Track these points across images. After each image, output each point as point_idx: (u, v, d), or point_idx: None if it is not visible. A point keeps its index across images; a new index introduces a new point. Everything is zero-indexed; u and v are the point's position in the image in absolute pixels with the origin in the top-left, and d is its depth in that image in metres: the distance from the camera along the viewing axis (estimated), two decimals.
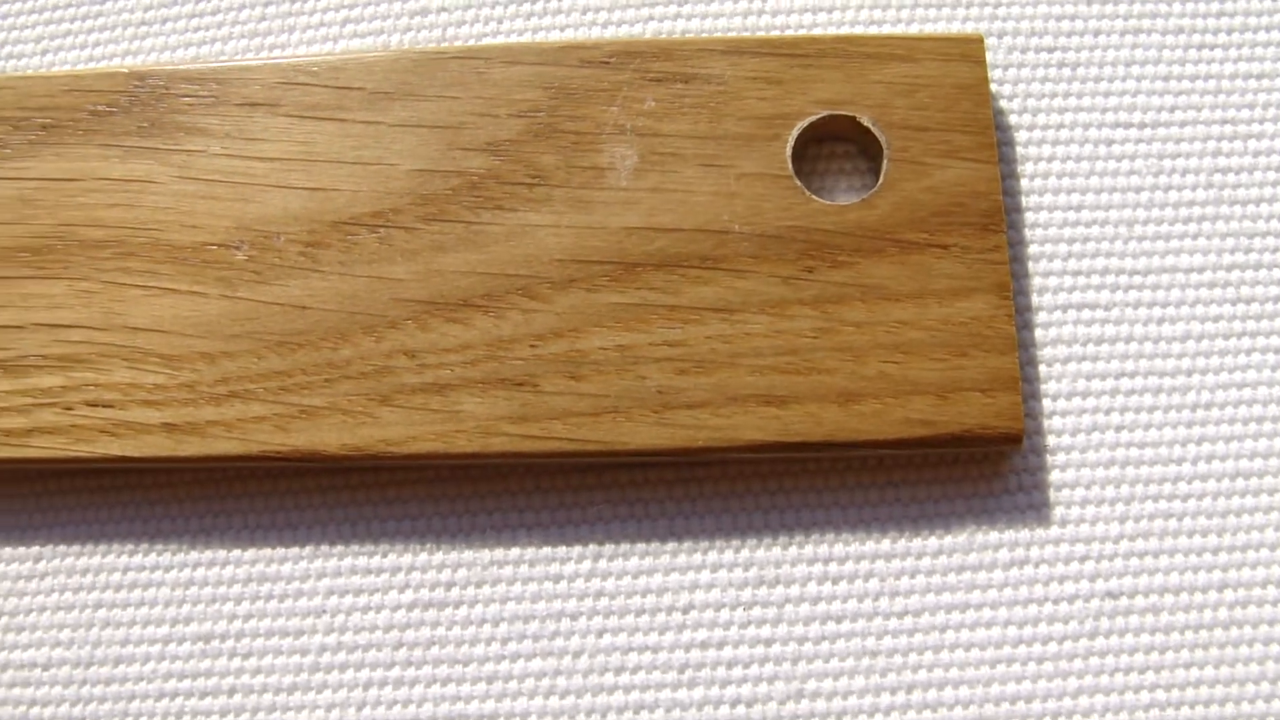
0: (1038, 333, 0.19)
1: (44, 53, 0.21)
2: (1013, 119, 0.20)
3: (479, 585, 0.19)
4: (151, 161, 0.20)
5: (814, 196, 0.19)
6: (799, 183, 0.19)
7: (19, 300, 0.20)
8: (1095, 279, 0.19)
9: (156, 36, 0.21)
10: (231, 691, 0.19)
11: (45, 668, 0.19)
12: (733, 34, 0.20)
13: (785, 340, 0.18)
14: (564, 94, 0.19)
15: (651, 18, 0.20)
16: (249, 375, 0.19)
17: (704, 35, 0.20)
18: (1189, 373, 0.19)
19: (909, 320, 0.18)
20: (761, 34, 0.20)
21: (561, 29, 0.20)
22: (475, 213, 0.19)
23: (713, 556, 0.18)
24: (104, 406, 0.19)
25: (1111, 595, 0.18)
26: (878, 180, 0.19)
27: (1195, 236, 0.19)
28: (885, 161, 0.19)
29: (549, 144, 0.19)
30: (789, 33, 0.20)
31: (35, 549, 0.20)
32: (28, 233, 0.20)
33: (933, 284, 0.18)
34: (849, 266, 0.18)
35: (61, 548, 0.20)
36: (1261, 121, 0.20)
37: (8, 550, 0.20)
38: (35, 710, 0.19)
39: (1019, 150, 0.20)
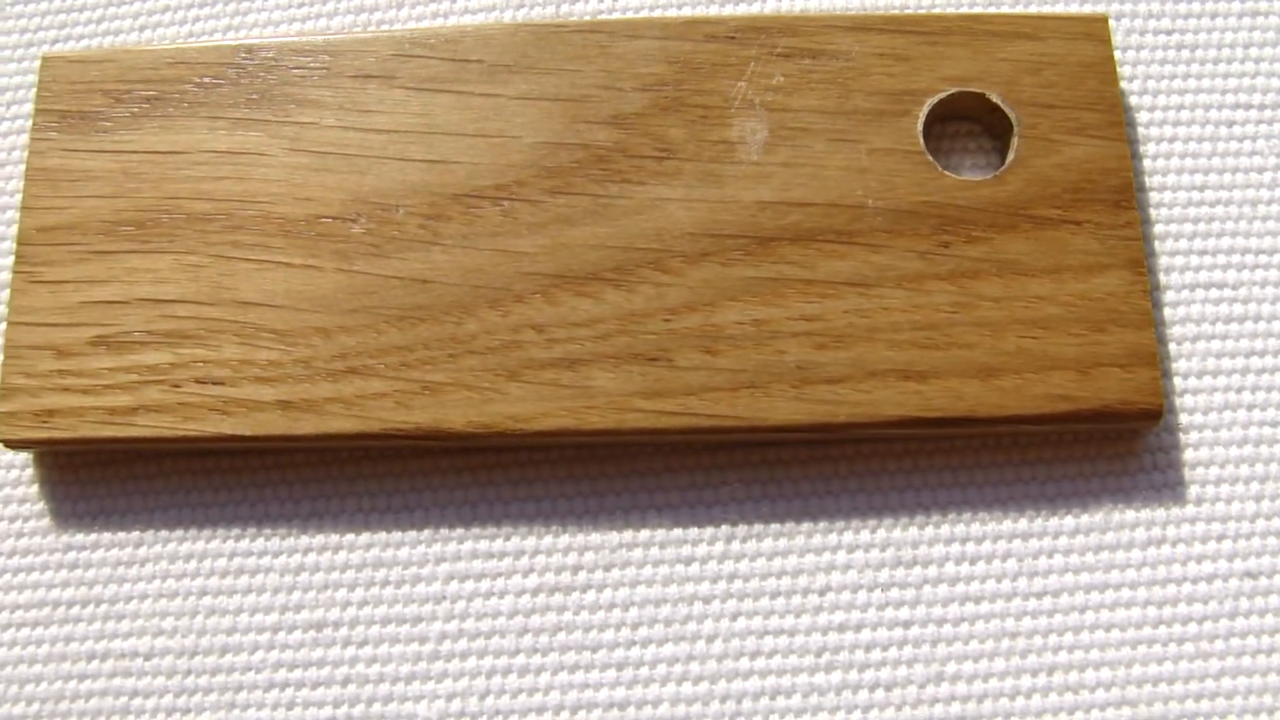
0: (1166, 311, 0.20)
1: (142, 29, 0.22)
2: (1133, 99, 0.21)
3: (607, 569, 0.19)
4: (260, 134, 0.20)
5: (946, 172, 0.20)
6: (931, 158, 0.20)
7: (123, 275, 0.20)
8: (1221, 258, 0.20)
9: (259, 12, 0.22)
10: (345, 681, 0.19)
11: (147, 657, 0.19)
12: (853, 10, 0.21)
13: (923, 315, 0.19)
14: (689, 68, 0.20)
15: None
16: (368, 351, 0.19)
17: (826, 11, 0.21)
18: None
19: (1045, 296, 0.19)
20: (884, 11, 0.21)
21: (679, 6, 0.21)
22: (602, 186, 0.19)
23: (849, 537, 0.19)
24: (214, 384, 0.19)
25: (1250, 575, 0.19)
26: (1001, 158, 0.20)
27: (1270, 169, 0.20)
28: (1015, 138, 0.20)
29: (676, 118, 0.20)
30: (910, 10, 0.21)
31: (135, 534, 0.20)
32: (131, 206, 0.20)
33: (1067, 259, 0.19)
34: (984, 242, 0.19)
35: (164, 533, 0.20)
36: None
37: (107, 535, 0.20)
38: (137, 701, 0.19)
39: (1140, 130, 0.21)
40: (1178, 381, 0.20)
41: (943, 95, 0.20)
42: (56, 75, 0.21)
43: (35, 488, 0.20)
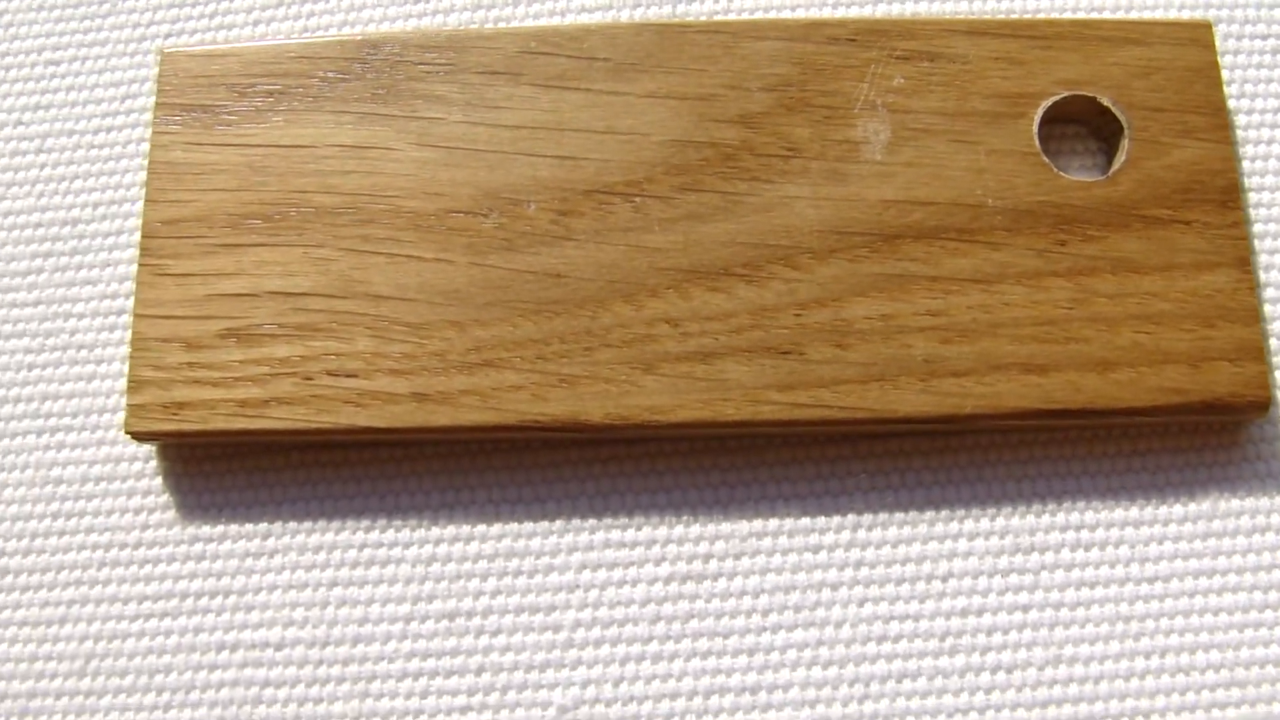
0: (1266, 308, 0.21)
1: (255, 24, 0.23)
2: (1232, 103, 0.22)
3: (738, 557, 0.20)
4: (387, 128, 0.21)
5: (1060, 173, 0.21)
6: (1045, 159, 0.21)
7: (251, 268, 0.21)
8: None
9: (374, 8, 0.23)
10: (480, 670, 0.20)
11: (278, 648, 0.20)
12: (965, 15, 0.23)
13: (1042, 310, 0.20)
14: (813, 69, 0.21)
15: None
16: (502, 344, 0.20)
17: (942, 15, 0.22)
18: None
19: (1157, 292, 0.20)
20: (998, 15, 0.23)
21: (793, 8, 0.23)
22: (731, 183, 0.21)
23: (969, 525, 0.20)
24: (347, 376, 0.20)
25: None
26: (1108, 159, 0.22)
27: None
28: (1126, 140, 0.21)
29: (802, 117, 0.21)
30: (1018, 14, 0.23)
31: (264, 526, 0.21)
32: (257, 199, 0.21)
33: (1177, 258, 0.21)
34: (1099, 240, 0.21)
35: (292, 524, 0.21)
36: None
37: (234, 528, 0.21)
38: (269, 691, 0.20)
39: (1239, 134, 0.22)
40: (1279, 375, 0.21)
41: (1056, 98, 0.21)
42: (177, 70, 0.22)
43: (159, 480, 0.21)
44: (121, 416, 0.22)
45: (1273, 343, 0.21)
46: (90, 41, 0.24)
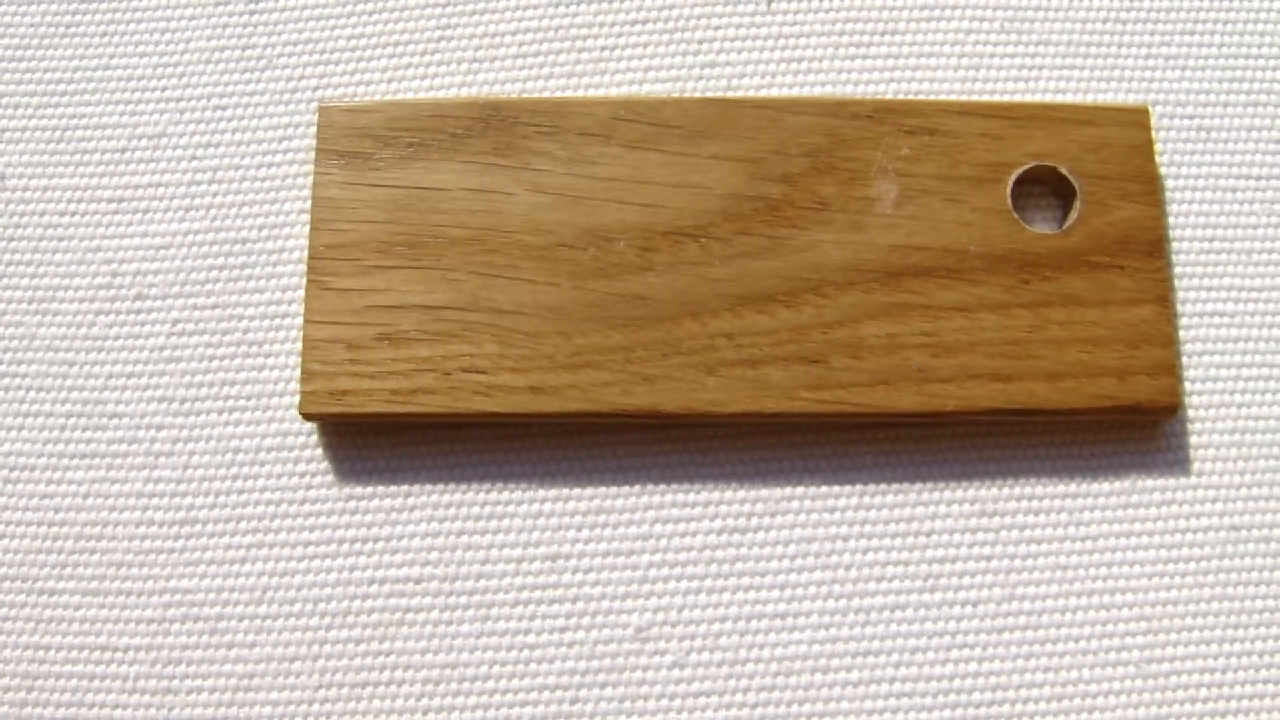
0: (1182, 333, 0.30)
1: (389, 80, 0.30)
2: (1163, 170, 0.30)
3: (773, 515, 0.28)
4: (505, 177, 0.29)
5: (1026, 226, 0.29)
6: (1016, 216, 0.29)
7: (399, 285, 0.28)
8: (1224, 293, 0.30)
9: (487, 71, 0.30)
10: (575, 600, 0.28)
11: (417, 582, 0.28)
12: (958, 98, 0.30)
13: (1009, 333, 0.28)
14: (839, 140, 0.29)
15: (893, 80, 0.30)
16: (598, 349, 0.28)
17: (940, 99, 0.30)
18: None
19: (1096, 321, 0.28)
20: (982, 99, 0.30)
21: (821, 85, 0.30)
22: (775, 229, 0.29)
23: (947, 494, 0.29)
24: (477, 372, 0.28)
25: (1234, 529, 0.29)
26: (1067, 215, 0.30)
27: None
28: (1078, 202, 0.29)
29: (830, 178, 0.29)
30: (999, 98, 0.31)
31: (405, 488, 0.29)
32: (402, 231, 0.29)
33: (1113, 295, 0.29)
34: (1054, 280, 0.29)
35: (428, 486, 0.29)
36: None
37: (381, 489, 0.29)
38: (410, 616, 0.28)
39: (1168, 195, 0.30)
40: (1188, 385, 0.30)
41: (1026, 167, 0.29)
42: (332, 121, 0.29)
43: (320, 450, 0.29)
44: (290, 400, 0.29)
45: (1182, 360, 0.30)
46: (251, 91, 0.31)
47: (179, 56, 0.31)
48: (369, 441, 0.29)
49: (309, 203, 0.30)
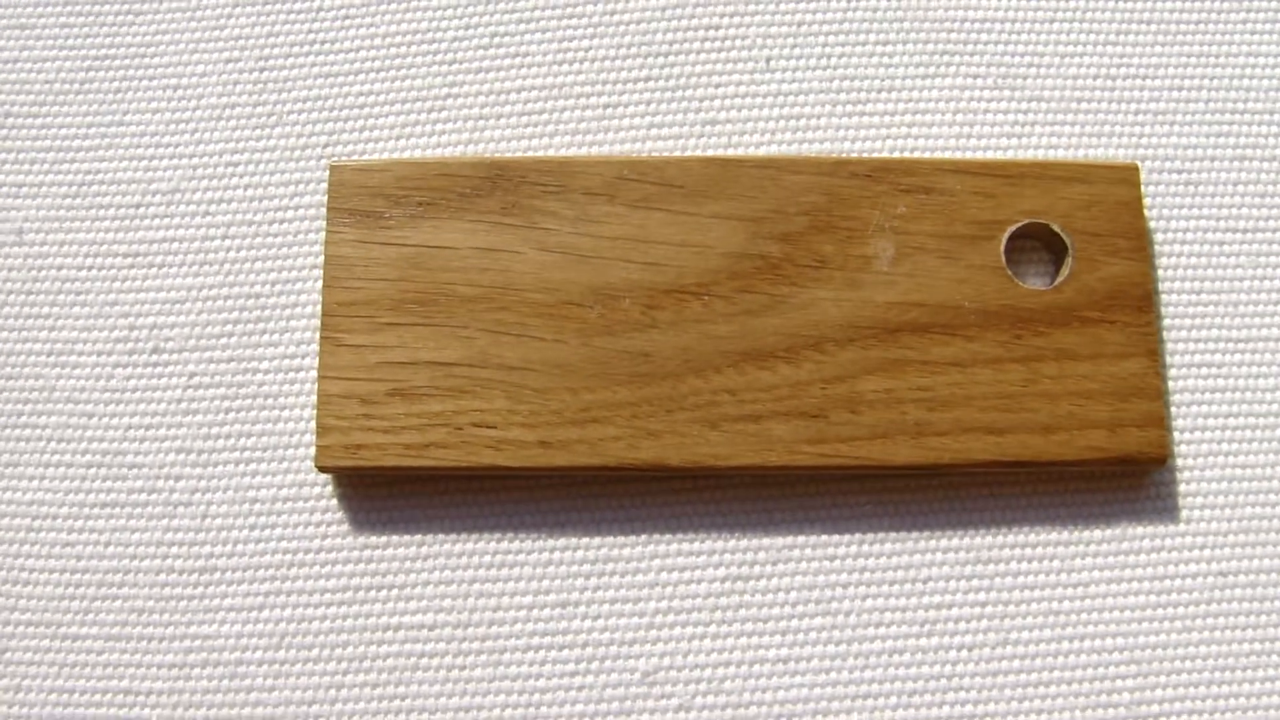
0: (1170, 384, 0.31)
1: (397, 138, 0.32)
2: (1152, 224, 0.32)
3: (774, 564, 0.30)
4: (513, 236, 0.31)
5: (1019, 283, 0.31)
6: (1009, 272, 0.31)
7: (411, 342, 0.30)
8: (1213, 345, 0.32)
9: (492, 129, 0.32)
10: (584, 645, 0.30)
11: (430, 629, 0.30)
12: (952, 157, 0.32)
13: (1002, 388, 0.30)
14: (838, 199, 0.31)
15: (889, 138, 0.32)
16: (605, 405, 0.30)
17: (935, 158, 0.32)
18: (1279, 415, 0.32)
19: (1087, 375, 0.30)
20: (977, 157, 0.32)
21: (819, 142, 0.32)
22: (775, 287, 0.30)
23: (944, 542, 0.31)
24: (488, 427, 0.30)
25: (1221, 574, 0.31)
26: (1060, 271, 0.31)
27: (1269, 301, 0.32)
28: (1070, 258, 0.31)
29: (828, 236, 0.31)
30: (992, 156, 0.32)
31: (418, 537, 0.31)
32: (414, 288, 0.30)
33: (1104, 349, 0.30)
34: (1046, 335, 0.30)
35: (441, 536, 0.31)
36: None
37: (395, 538, 0.31)
38: (423, 661, 0.30)
39: (1156, 249, 0.32)
40: (1178, 435, 0.31)
41: (1019, 224, 0.31)
42: (343, 180, 0.31)
43: (335, 501, 0.31)
44: (306, 451, 0.31)
45: (1171, 411, 0.32)
46: (263, 148, 0.33)
47: (192, 113, 0.33)
48: (383, 492, 0.31)
49: (320, 258, 0.32)
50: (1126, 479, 0.31)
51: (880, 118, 0.33)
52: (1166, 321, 0.32)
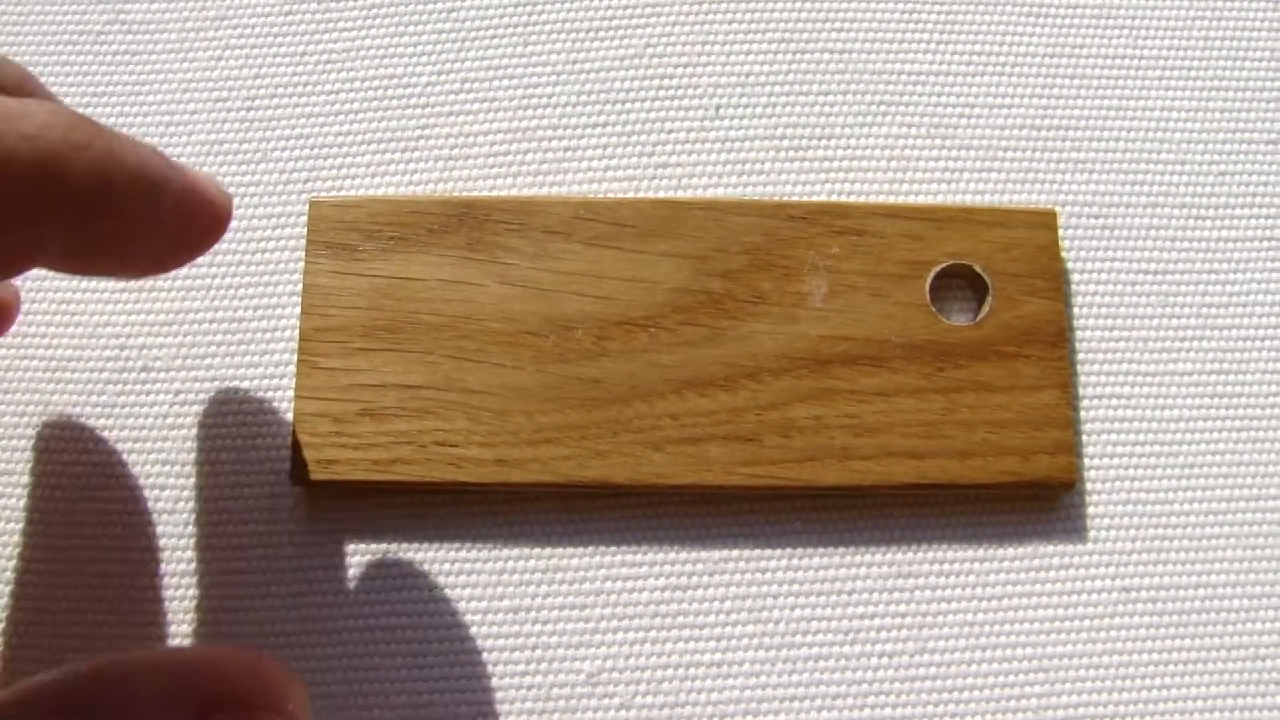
0: (1082, 414, 0.35)
1: (373, 174, 0.36)
2: (1069, 265, 0.36)
3: (710, 575, 0.34)
4: (476, 270, 0.34)
5: (942, 319, 0.35)
6: (933, 309, 0.35)
7: (380, 366, 0.34)
8: (1124, 379, 0.36)
9: (460, 169, 0.36)
10: (534, 647, 0.34)
11: (393, 630, 0.34)
12: (883, 201, 0.36)
13: (924, 416, 0.34)
14: (776, 239, 0.35)
15: (827, 181, 0.36)
16: (557, 426, 0.34)
17: (868, 202, 0.36)
18: (1185, 443, 0.35)
19: (1003, 405, 0.34)
20: (906, 201, 0.36)
21: (762, 185, 0.36)
22: (717, 320, 0.34)
23: (868, 558, 0.35)
24: (449, 445, 0.34)
25: (1125, 590, 0.35)
26: (981, 308, 0.35)
27: (1189, 350, 0.36)
28: (990, 297, 0.35)
29: (766, 275, 0.34)
30: (921, 200, 0.36)
31: (382, 545, 0.34)
32: (384, 317, 0.34)
33: (1019, 381, 0.34)
34: (966, 368, 0.34)
35: (403, 544, 0.34)
36: (1241, 268, 0.36)
37: (360, 546, 0.34)
38: (380, 660, 0.34)
39: (1073, 289, 0.36)
40: (1088, 460, 0.35)
41: (943, 265, 0.35)
42: (321, 214, 0.35)
43: (306, 511, 0.35)
44: (281, 465, 0.35)
45: (1082, 439, 0.35)
46: (248, 183, 0.37)
47: (183, 149, 0.37)
48: (350, 505, 0.35)
49: (299, 287, 0.36)
50: (1038, 501, 0.35)
51: (820, 163, 0.37)
52: (1081, 356, 0.36)
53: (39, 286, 0.36)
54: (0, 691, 0.26)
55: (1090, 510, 0.35)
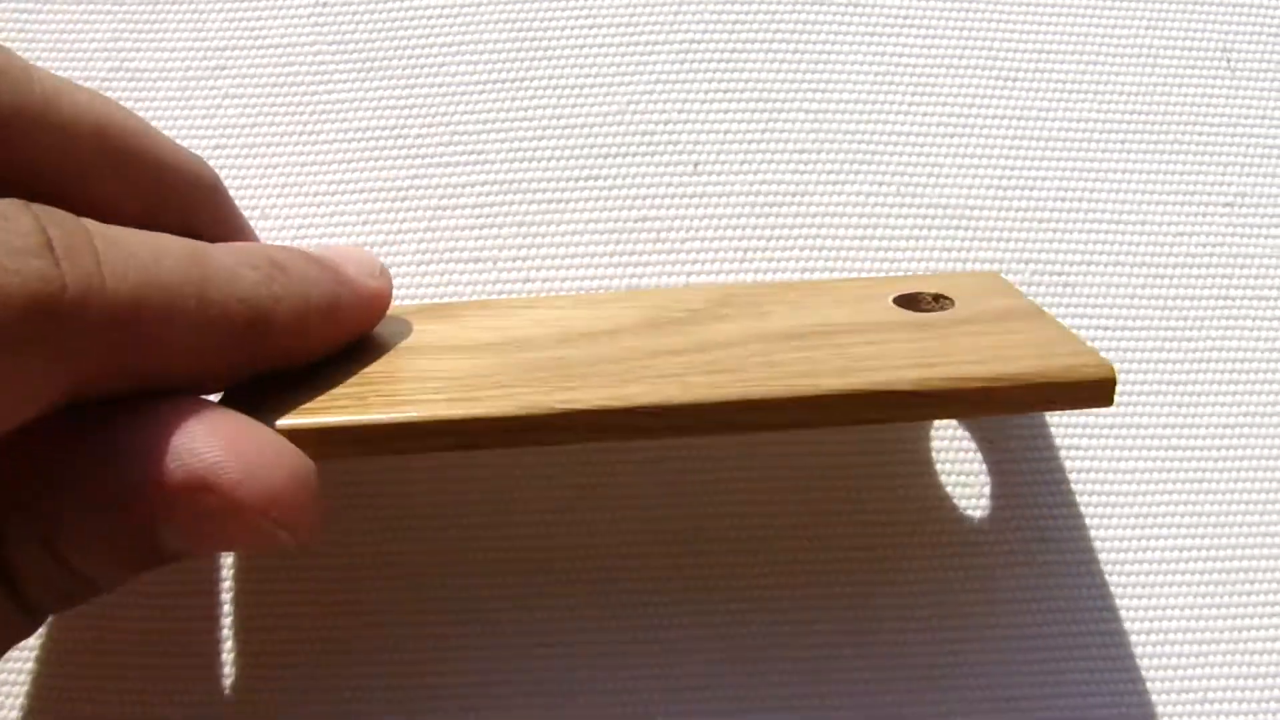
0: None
1: (363, 223, 0.39)
2: None
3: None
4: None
5: (911, 311, 0.35)
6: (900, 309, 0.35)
7: None
8: (1081, 429, 0.37)
9: (449, 219, 0.39)
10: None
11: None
12: (854, 254, 0.39)
13: (922, 347, 0.32)
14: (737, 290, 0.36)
15: (800, 236, 0.39)
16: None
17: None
18: (1145, 494, 0.35)
19: (1006, 335, 0.33)
20: (875, 254, 0.39)
21: (737, 240, 0.38)
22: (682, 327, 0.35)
23: None
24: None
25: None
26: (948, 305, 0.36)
27: (1147, 405, 0.38)
28: (953, 302, 0.35)
29: (730, 309, 0.35)
30: (889, 254, 0.39)
31: None
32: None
33: (1013, 331, 0.33)
34: (951, 328, 0.34)
35: None
36: (1198, 326, 0.38)
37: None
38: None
39: None
40: None
41: (901, 294, 0.36)
42: None
43: None
44: None
45: None
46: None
47: None
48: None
49: None
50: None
51: (793, 219, 0.39)
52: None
53: None
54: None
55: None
